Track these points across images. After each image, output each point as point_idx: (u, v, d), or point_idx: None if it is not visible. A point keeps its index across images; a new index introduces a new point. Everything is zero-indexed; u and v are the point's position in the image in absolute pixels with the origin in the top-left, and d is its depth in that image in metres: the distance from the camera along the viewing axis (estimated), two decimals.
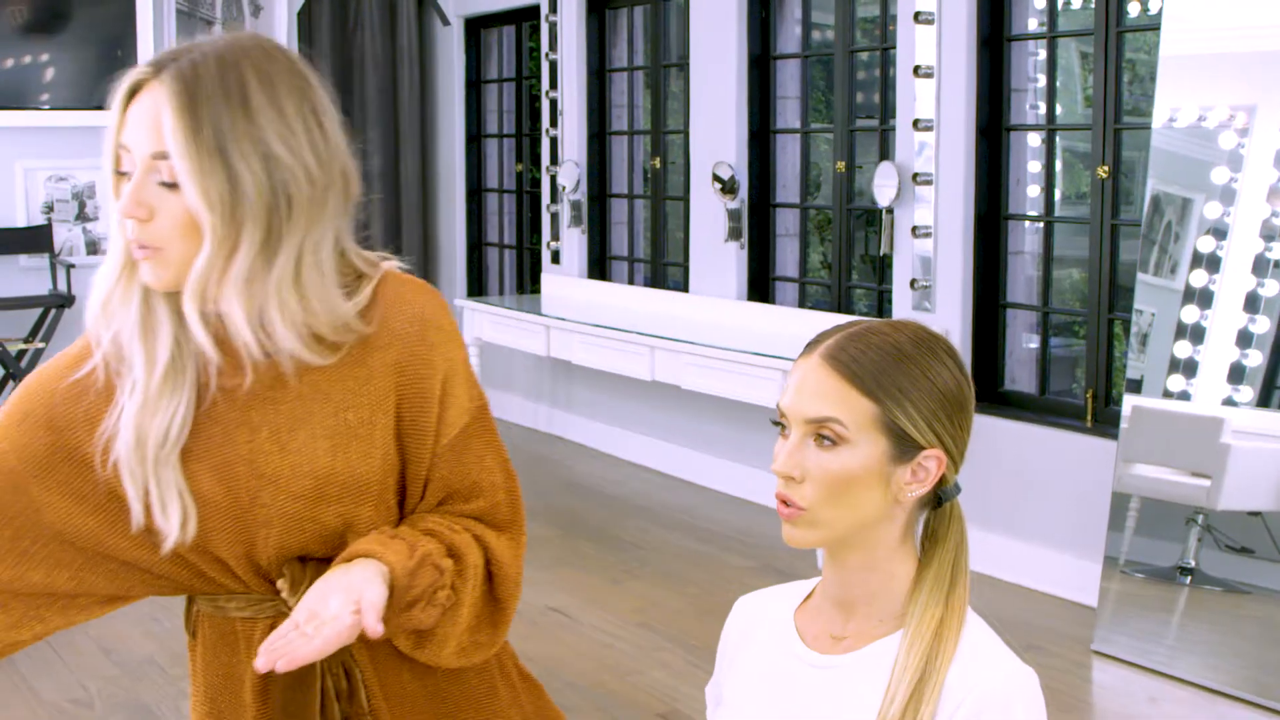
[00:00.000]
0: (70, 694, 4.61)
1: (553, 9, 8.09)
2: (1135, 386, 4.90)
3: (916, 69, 5.83)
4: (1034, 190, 5.80)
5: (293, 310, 1.70)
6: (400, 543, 1.74)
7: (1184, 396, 4.80)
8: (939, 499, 1.70)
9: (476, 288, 9.40)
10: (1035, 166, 5.79)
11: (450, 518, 1.84)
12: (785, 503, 1.66)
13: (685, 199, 7.35)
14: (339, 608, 1.63)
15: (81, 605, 1.83)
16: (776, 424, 1.69)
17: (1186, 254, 4.84)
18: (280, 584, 1.78)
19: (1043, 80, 5.74)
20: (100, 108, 7.60)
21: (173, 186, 1.65)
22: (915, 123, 5.85)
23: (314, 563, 1.78)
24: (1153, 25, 5.18)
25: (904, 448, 1.63)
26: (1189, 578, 4.74)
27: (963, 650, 1.63)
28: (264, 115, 1.66)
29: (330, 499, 1.76)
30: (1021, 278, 5.90)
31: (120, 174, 1.69)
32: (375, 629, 1.63)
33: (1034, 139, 5.77)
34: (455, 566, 1.79)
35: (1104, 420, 5.37)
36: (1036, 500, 5.54)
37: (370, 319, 1.78)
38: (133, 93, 1.68)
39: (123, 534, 1.78)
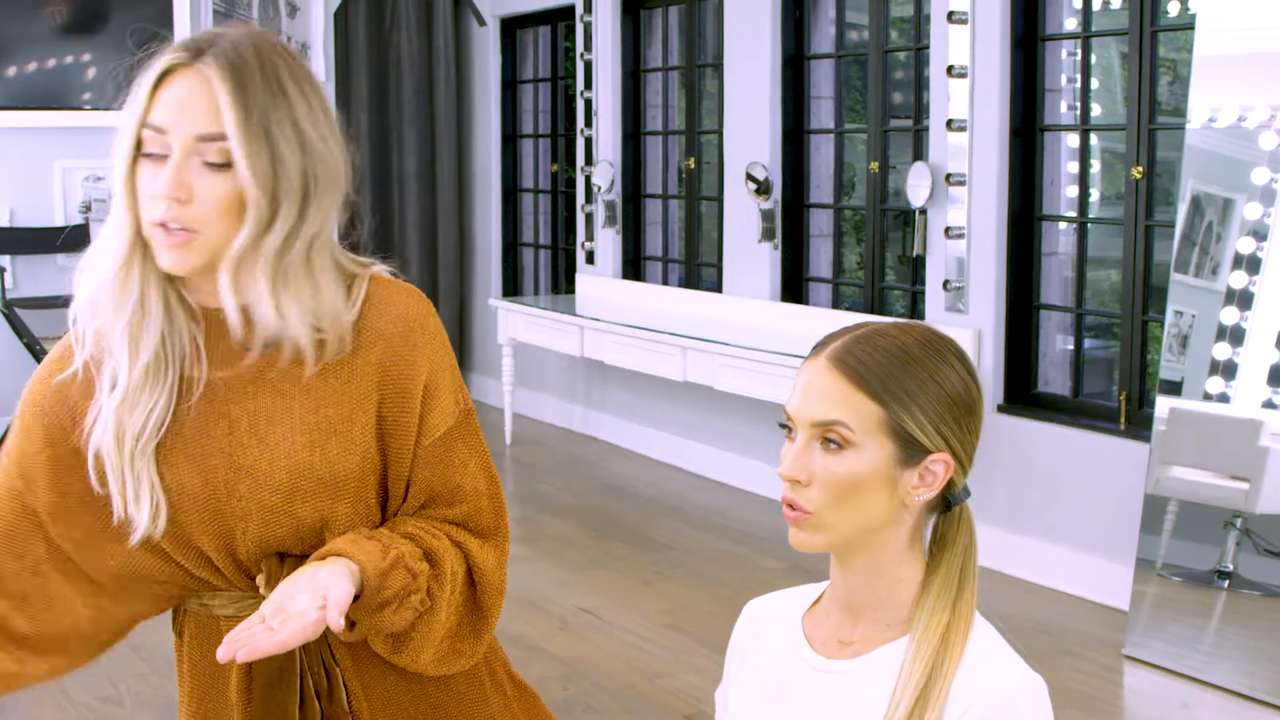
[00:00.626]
0: (99, 692, 4.63)
1: (588, 9, 8.09)
2: (1171, 388, 4.86)
3: (950, 69, 5.80)
4: (1072, 190, 5.76)
5: (306, 295, 1.74)
6: (374, 544, 1.74)
7: (1223, 399, 4.75)
8: (948, 503, 1.68)
9: (511, 288, 9.41)
10: (1074, 167, 5.75)
11: (431, 522, 1.85)
12: (791, 506, 1.65)
13: (719, 199, 7.34)
14: (306, 604, 1.63)
15: (102, 642, 1.90)
16: (784, 426, 1.68)
17: (1228, 255, 4.79)
18: (259, 579, 1.80)
19: (1080, 80, 5.70)
20: None
21: (220, 167, 1.68)
22: (949, 123, 5.82)
23: (292, 559, 1.80)
24: (1188, 25, 5.13)
25: (911, 451, 1.62)
26: (1227, 582, 4.69)
27: (969, 656, 1.61)
28: (297, 102, 1.72)
29: (307, 494, 1.78)
30: (1056, 279, 5.86)
31: (143, 155, 1.71)
32: (336, 624, 1.63)
33: (1071, 139, 5.73)
34: (431, 571, 1.80)
35: (1137, 423, 5.33)
36: (1069, 503, 5.50)
37: (355, 319, 1.81)
38: (162, 77, 1.71)
39: (116, 536, 1.80)
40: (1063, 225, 5.78)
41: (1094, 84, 5.72)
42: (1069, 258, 5.80)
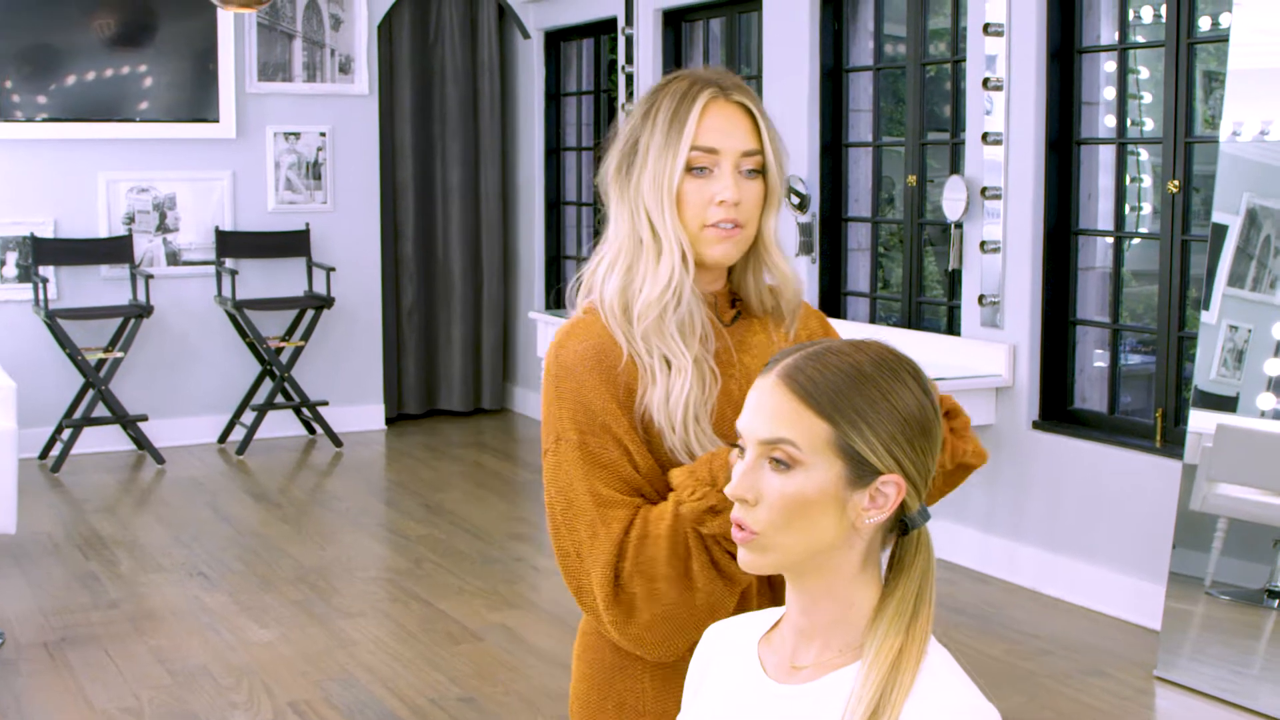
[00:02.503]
0: (122, 702, 4.64)
1: (629, 21, 8.08)
2: (1221, 403, 4.77)
3: (985, 81, 5.74)
4: (1109, 205, 5.68)
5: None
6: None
7: (1277, 415, 4.66)
8: (905, 526, 1.64)
9: (555, 301, 9.40)
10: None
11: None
12: (739, 526, 1.62)
13: None
14: None
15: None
16: (735, 445, 1.65)
17: None
18: None
19: (1117, 92, 5.62)
20: (188, 120, 7.68)
21: (754, 174, 2.12)
22: (984, 136, 5.76)
23: None
24: (1224, 37, 5.05)
25: (861, 472, 1.58)
26: (1277, 601, 4.59)
27: (921, 683, 1.57)
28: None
29: None
30: (1093, 294, 5.78)
31: (690, 173, 2.10)
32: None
33: (1108, 153, 5.65)
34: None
35: (1173, 440, 5.24)
36: (1102, 521, 5.42)
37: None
38: (705, 107, 2.11)
39: None
40: (1100, 240, 5.70)
41: (1146, 98, 5.64)
42: (1106, 272, 5.73)
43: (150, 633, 5.29)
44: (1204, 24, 5.31)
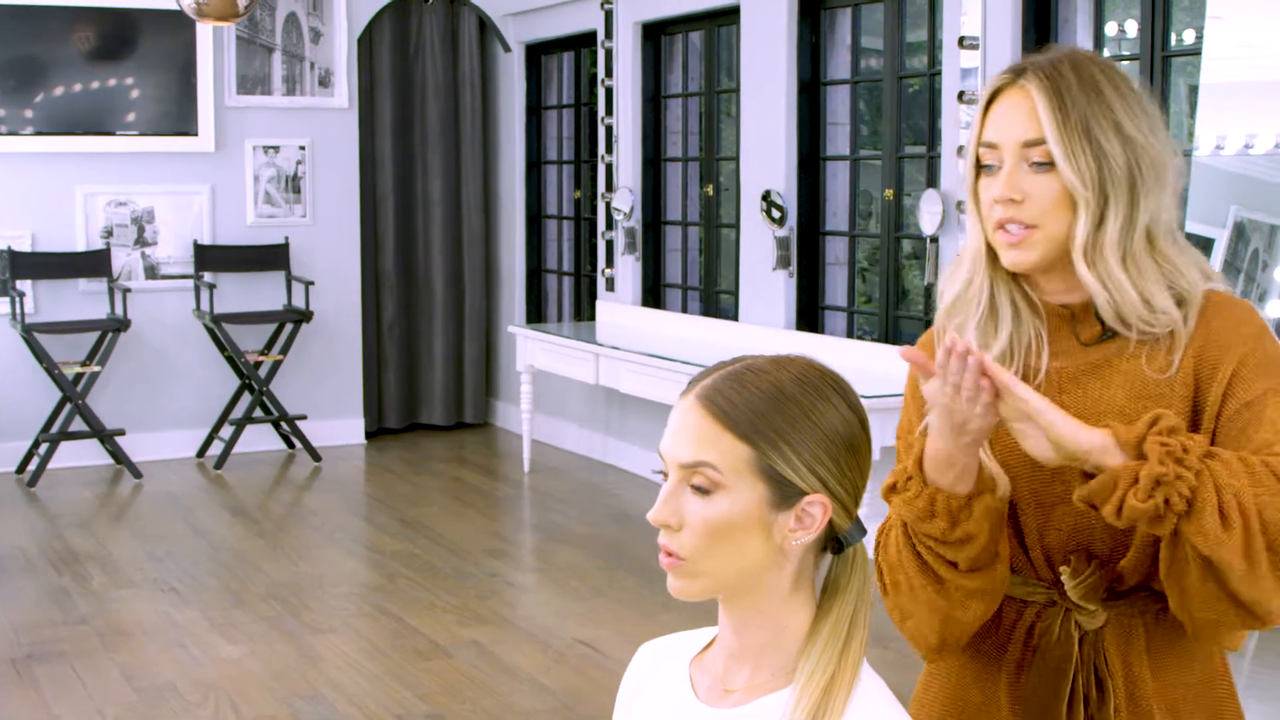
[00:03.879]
0: (87, 719, 4.60)
1: (609, 34, 8.06)
2: None
3: (961, 95, 5.72)
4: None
5: (1153, 275, 1.85)
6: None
7: None
8: (841, 545, 1.61)
9: (536, 314, 9.37)
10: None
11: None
12: (666, 552, 1.59)
13: (737, 226, 7.27)
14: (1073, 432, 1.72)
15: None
16: (660, 472, 1.62)
17: (1274, 282, 4.68)
18: (1063, 571, 1.87)
19: None
20: (167, 133, 7.64)
21: (1045, 167, 1.84)
22: (960, 150, 5.74)
23: (1098, 561, 1.87)
24: (1198, 50, 5.03)
25: (785, 493, 1.55)
26: None
27: (852, 711, 1.54)
28: (1115, 102, 1.84)
29: None
30: None
31: (982, 170, 1.88)
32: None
33: None
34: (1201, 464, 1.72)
35: None
36: None
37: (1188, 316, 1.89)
38: (991, 99, 1.89)
39: None
40: None
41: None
42: None
43: (119, 649, 5.24)
44: (1189, 37, 5.29)
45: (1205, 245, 4.83)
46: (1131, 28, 5.61)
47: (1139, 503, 1.67)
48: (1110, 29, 5.56)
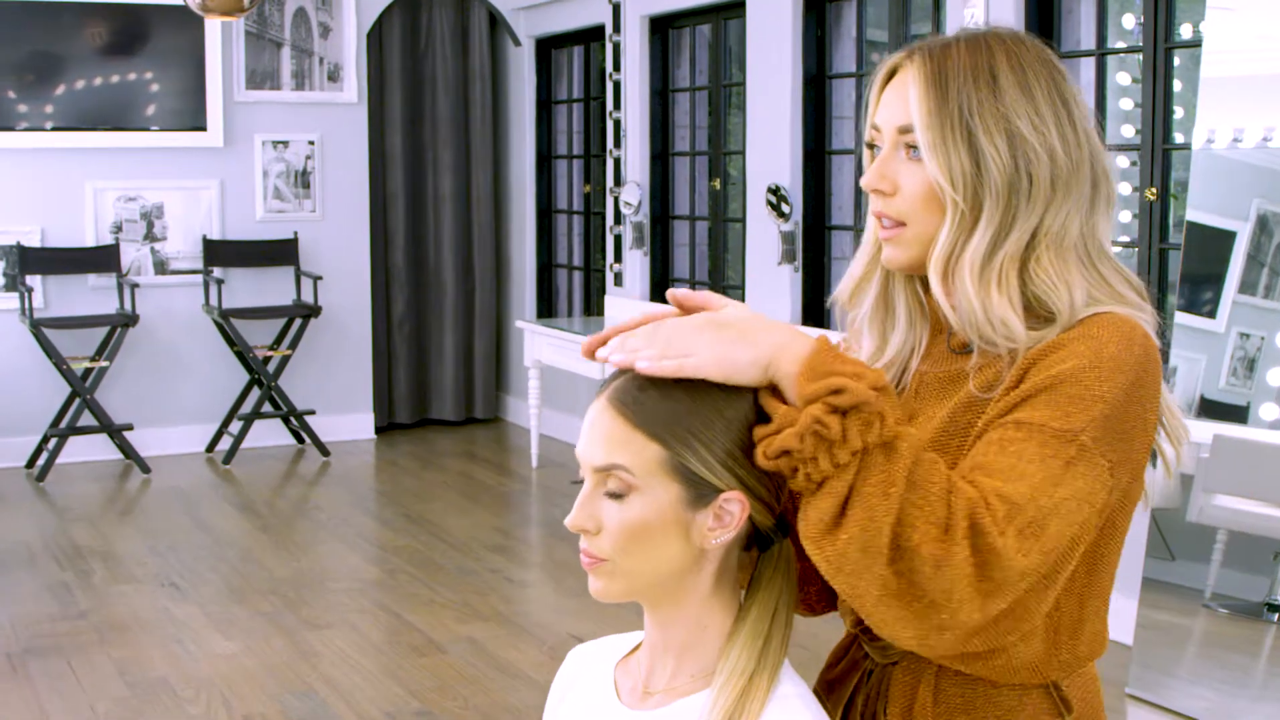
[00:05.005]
0: (77, 714, 4.59)
1: (616, 29, 8.02)
2: (1221, 412, 4.68)
3: None
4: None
5: (1012, 289, 1.62)
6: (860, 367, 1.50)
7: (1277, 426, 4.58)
8: (766, 542, 1.57)
9: (546, 309, 9.35)
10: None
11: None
12: (586, 555, 1.56)
13: (743, 221, 7.23)
14: (743, 352, 1.50)
15: None
16: (576, 482, 1.59)
17: None
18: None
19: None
20: (176, 128, 7.65)
21: (919, 159, 1.63)
22: None
23: None
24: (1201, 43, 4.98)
25: (701, 492, 1.51)
26: (1278, 615, 4.50)
27: (769, 714, 1.50)
28: (1011, 93, 1.62)
29: None
30: None
31: (871, 149, 1.70)
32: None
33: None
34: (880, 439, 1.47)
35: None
36: None
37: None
38: (889, 77, 1.70)
39: None
40: None
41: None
42: None
43: (115, 644, 5.24)
44: (1193, 30, 5.24)
45: (1227, 239, 4.78)
46: (1129, 20, 5.56)
47: (763, 457, 1.48)
48: (1128, 21, 5.50)
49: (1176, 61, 5.20)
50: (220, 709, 4.62)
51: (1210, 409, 4.75)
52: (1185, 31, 5.20)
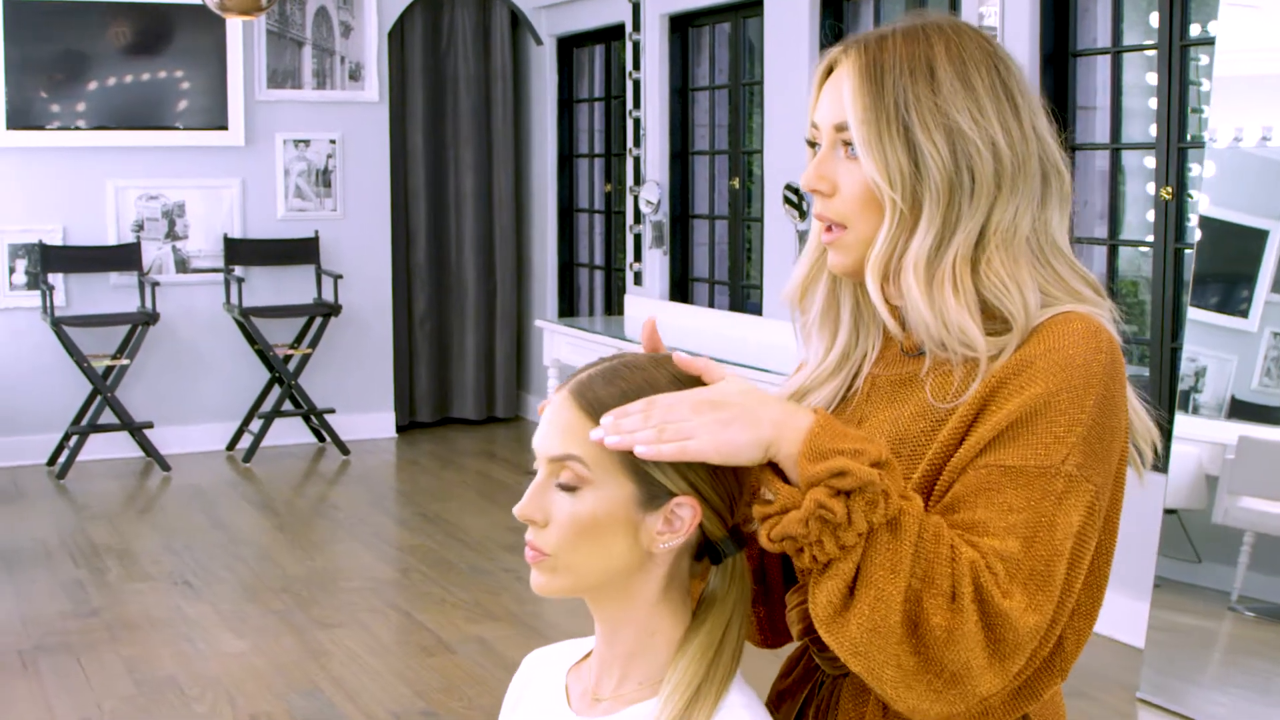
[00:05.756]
0: (83, 711, 4.60)
1: (636, 27, 8.00)
2: (1254, 413, 4.62)
3: None
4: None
5: (968, 294, 1.56)
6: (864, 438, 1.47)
7: None
8: (718, 554, 1.55)
9: (568, 309, 9.34)
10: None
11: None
12: (532, 547, 1.54)
13: (762, 220, 7.20)
14: (742, 434, 1.45)
15: None
16: (530, 472, 1.57)
17: None
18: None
19: (1110, 97, 5.49)
20: (197, 127, 7.65)
21: (856, 158, 1.57)
22: None
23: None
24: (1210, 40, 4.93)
25: (653, 492, 1.49)
26: None
27: None
28: (950, 87, 1.56)
29: None
30: None
31: (813, 148, 1.64)
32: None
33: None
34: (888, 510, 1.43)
35: (1164, 453, 5.10)
36: None
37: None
38: (828, 72, 1.64)
39: None
40: (1097, 248, 5.58)
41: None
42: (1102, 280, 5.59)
43: (125, 642, 5.25)
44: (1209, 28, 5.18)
45: (1258, 238, 4.73)
46: (1151, 18, 5.50)
47: (767, 539, 1.45)
48: (1153, 19, 5.44)
49: (1203, 60, 5.15)
50: (226, 708, 4.63)
51: (1241, 410, 4.69)
52: (1209, 29, 5.15)
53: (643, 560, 1.52)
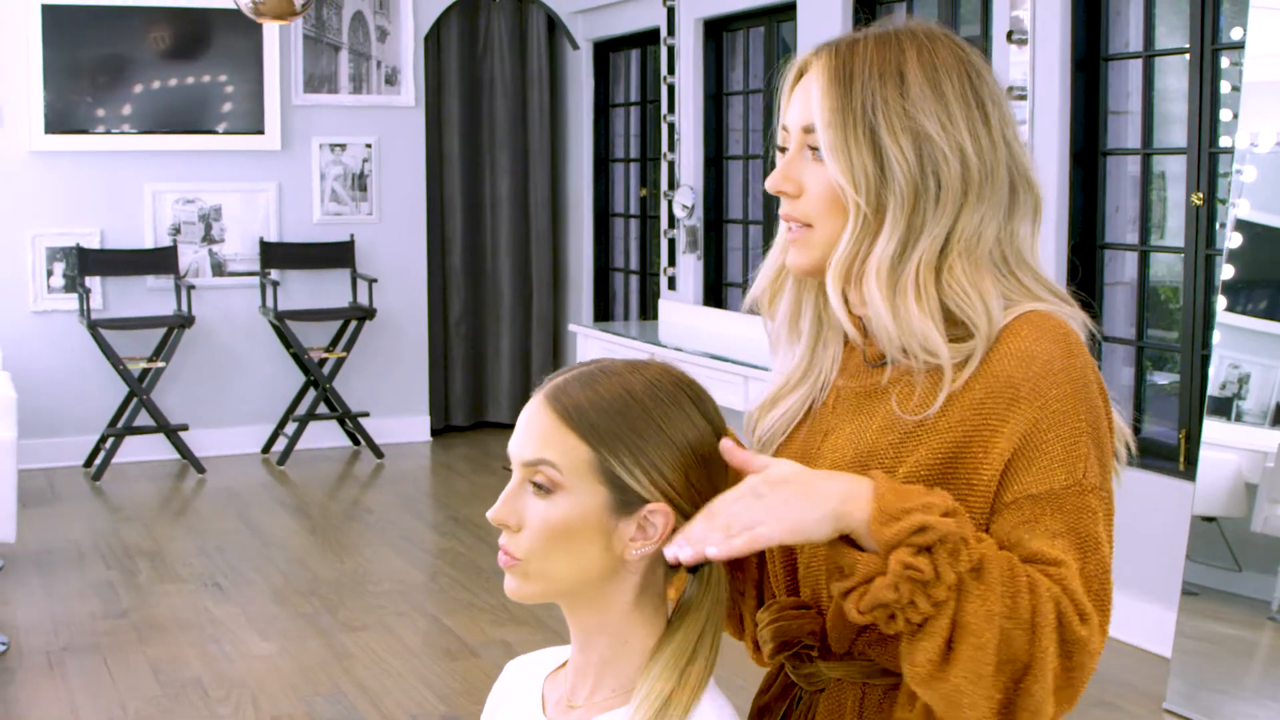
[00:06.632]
0: (108, 713, 4.63)
1: (671, 31, 8.00)
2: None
3: (1009, 90, 5.59)
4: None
5: (931, 301, 1.55)
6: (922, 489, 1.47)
7: None
8: (696, 564, 1.54)
9: (603, 313, 9.34)
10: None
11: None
12: (504, 552, 1.54)
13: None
14: (808, 511, 1.44)
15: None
16: (506, 469, 1.57)
17: None
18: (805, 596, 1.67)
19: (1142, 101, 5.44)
20: (234, 131, 7.67)
21: (823, 160, 1.57)
22: None
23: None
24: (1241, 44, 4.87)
25: (626, 499, 1.49)
26: None
27: None
28: (919, 93, 1.55)
29: None
30: (1120, 309, 5.60)
31: (782, 151, 1.64)
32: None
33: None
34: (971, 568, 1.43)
35: (1195, 461, 5.05)
36: (1120, 547, 5.24)
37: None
38: (799, 76, 1.64)
39: None
40: (1128, 254, 5.53)
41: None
42: (1134, 287, 5.55)
43: (152, 643, 5.28)
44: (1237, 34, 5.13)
45: (1252, 234, 4.67)
46: (1177, 22, 5.45)
47: (856, 612, 1.44)
48: (1177, 20, 5.40)
49: (1225, 63, 5.09)
50: (249, 709, 4.64)
51: None
52: (1237, 34, 5.10)
53: (616, 567, 1.51)
